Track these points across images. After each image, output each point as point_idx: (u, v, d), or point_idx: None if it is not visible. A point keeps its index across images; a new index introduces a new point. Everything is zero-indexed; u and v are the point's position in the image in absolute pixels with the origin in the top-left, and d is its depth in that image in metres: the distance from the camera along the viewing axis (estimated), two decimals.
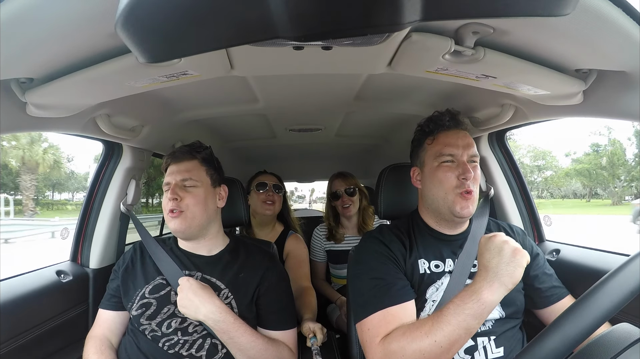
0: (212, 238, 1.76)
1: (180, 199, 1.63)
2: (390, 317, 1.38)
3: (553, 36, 1.08)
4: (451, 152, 1.53)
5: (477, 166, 1.57)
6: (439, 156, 1.55)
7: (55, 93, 1.26)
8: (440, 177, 1.53)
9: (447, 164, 1.53)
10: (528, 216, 2.22)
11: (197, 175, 1.68)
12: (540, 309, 1.59)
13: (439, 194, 1.54)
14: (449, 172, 1.52)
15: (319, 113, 2.35)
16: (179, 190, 1.64)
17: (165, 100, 1.89)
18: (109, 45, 1.09)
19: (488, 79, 1.33)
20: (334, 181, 3.10)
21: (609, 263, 1.66)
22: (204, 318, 1.49)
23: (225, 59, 1.28)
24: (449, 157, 1.53)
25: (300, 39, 0.41)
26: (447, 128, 1.58)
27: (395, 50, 1.23)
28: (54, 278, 1.92)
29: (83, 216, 2.18)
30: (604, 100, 1.34)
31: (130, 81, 1.27)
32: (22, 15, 0.86)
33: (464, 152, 1.52)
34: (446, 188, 1.52)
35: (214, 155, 1.83)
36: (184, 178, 1.66)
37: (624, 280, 0.79)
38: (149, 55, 0.53)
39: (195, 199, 1.65)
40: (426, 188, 1.61)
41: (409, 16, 0.41)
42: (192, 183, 1.66)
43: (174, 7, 0.45)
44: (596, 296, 0.79)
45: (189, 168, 1.69)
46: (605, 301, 0.78)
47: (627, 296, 0.78)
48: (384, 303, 1.41)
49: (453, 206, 1.50)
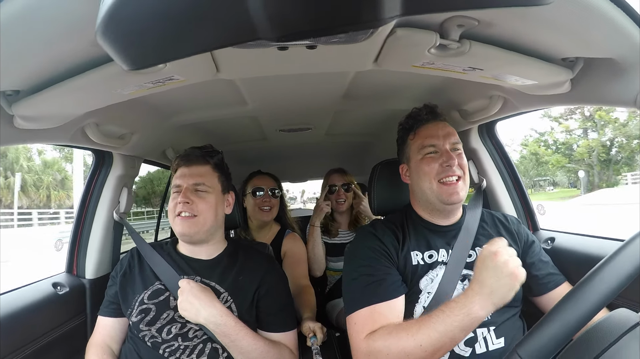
0: (215, 243, 1.76)
1: (192, 203, 1.62)
2: (376, 314, 1.39)
3: (538, 26, 1.08)
4: (432, 142, 1.56)
5: (462, 154, 1.59)
6: (422, 148, 1.58)
7: (43, 104, 1.26)
8: (424, 168, 1.56)
9: (430, 155, 1.56)
10: (521, 205, 2.23)
11: (209, 180, 1.68)
12: (538, 296, 1.60)
13: (425, 184, 1.56)
14: (432, 162, 1.55)
15: (309, 113, 2.34)
16: (190, 194, 1.63)
17: (153, 106, 1.88)
18: (93, 53, 1.08)
19: (475, 71, 1.33)
20: (331, 176, 3.11)
21: (604, 249, 1.66)
22: (205, 321, 1.48)
23: (210, 62, 1.27)
24: (431, 148, 1.56)
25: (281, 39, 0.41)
26: (425, 122, 1.62)
27: (380, 46, 1.23)
28: (50, 291, 1.90)
29: (76, 227, 2.16)
30: (592, 87, 1.35)
31: (116, 89, 1.26)
32: (5, 27, 0.86)
33: (445, 141, 1.55)
34: (431, 177, 1.54)
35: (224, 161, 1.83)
36: (196, 183, 1.65)
37: (620, 264, 0.80)
38: (132, 62, 0.53)
39: (208, 205, 1.64)
40: (414, 182, 1.64)
41: (389, 11, 0.40)
42: (205, 188, 1.66)
43: (153, 13, 0.44)
44: (593, 282, 0.80)
45: (202, 173, 1.68)
46: (602, 286, 0.79)
47: (623, 281, 0.78)
48: (371, 299, 1.42)
49: (440, 194, 1.52)
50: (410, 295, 1.49)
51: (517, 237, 1.66)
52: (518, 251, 1.62)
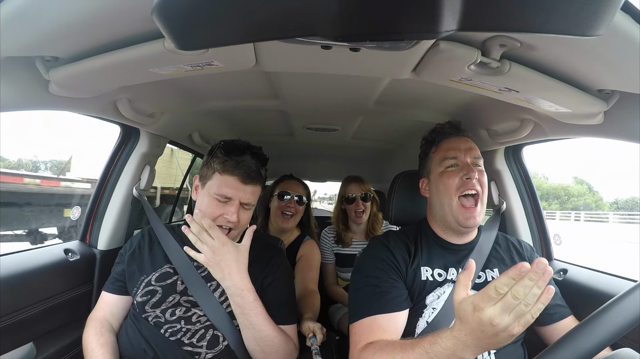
0: None
1: (239, 220, 1.61)
2: (375, 326, 1.40)
3: (579, 55, 1.08)
4: (454, 154, 1.56)
5: (483, 171, 1.58)
6: (443, 160, 1.58)
7: (79, 74, 1.27)
8: (444, 181, 1.55)
9: (451, 169, 1.56)
10: (538, 233, 2.20)
11: (255, 200, 1.67)
12: (542, 326, 1.58)
13: (445, 200, 1.55)
14: (453, 176, 1.54)
15: (338, 115, 2.35)
16: (239, 212, 1.62)
17: (185, 89, 1.90)
18: (138, 30, 1.10)
19: (510, 93, 1.33)
20: (349, 185, 3.05)
21: (615, 287, 1.65)
22: (230, 284, 1.50)
23: (251, 52, 1.28)
24: (452, 161, 1.56)
25: (338, 39, 0.42)
26: (448, 135, 1.62)
27: (421, 57, 1.23)
28: (61, 256, 1.94)
29: (95, 198, 2.20)
30: (625, 122, 1.34)
31: (155, 67, 1.27)
32: None
33: (466, 155, 1.55)
34: (451, 191, 1.53)
35: None
36: (247, 203, 1.63)
37: (630, 305, 0.79)
38: (182, 43, 0.54)
39: (247, 219, 1.66)
40: (433, 196, 1.63)
41: (446, 25, 0.41)
42: (249, 207, 1.65)
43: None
44: (600, 320, 0.80)
45: (254, 192, 1.65)
46: (609, 325, 0.79)
47: (631, 322, 0.78)
48: (373, 310, 1.43)
49: (458, 215, 1.51)
50: (416, 309, 1.49)
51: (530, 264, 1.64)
52: None
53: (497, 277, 1.53)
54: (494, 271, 1.58)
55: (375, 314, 1.42)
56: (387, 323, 1.41)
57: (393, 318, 1.43)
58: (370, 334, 1.39)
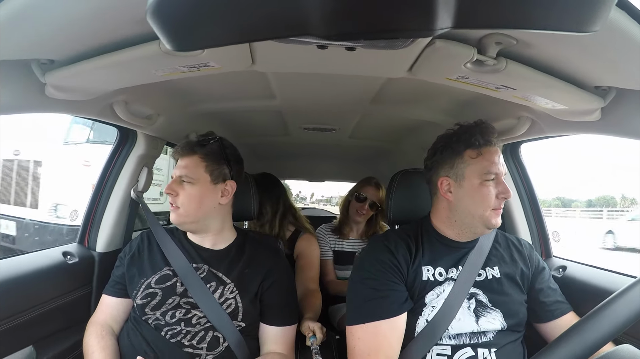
0: (216, 234, 1.75)
1: (176, 194, 1.63)
2: (380, 336, 1.40)
3: (576, 52, 1.08)
4: (496, 170, 1.49)
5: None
6: (486, 173, 1.49)
7: (76, 76, 1.27)
8: (484, 194, 1.49)
9: (489, 183, 1.49)
10: (537, 230, 2.21)
11: (193, 172, 1.65)
12: (543, 323, 1.59)
13: (478, 211, 1.50)
14: (491, 191, 1.49)
15: (335, 114, 2.34)
16: (175, 185, 1.64)
17: (182, 90, 1.89)
18: (133, 31, 1.09)
19: (507, 90, 1.33)
20: (367, 186, 3.03)
21: (615, 283, 1.65)
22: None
23: (247, 53, 1.28)
24: (493, 175, 1.49)
25: (331, 38, 0.41)
26: (492, 144, 1.53)
27: (417, 55, 1.22)
28: (59, 259, 1.94)
29: (93, 200, 2.20)
30: (622, 119, 1.33)
31: (151, 69, 1.27)
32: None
33: (501, 170, 1.50)
34: (486, 205, 1.48)
35: (227, 148, 1.79)
36: (181, 174, 1.65)
37: (630, 301, 0.79)
38: (177, 44, 0.53)
39: (189, 197, 1.64)
40: (462, 203, 1.55)
41: (441, 23, 0.41)
42: (188, 179, 1.64)
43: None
44: (601, 316, 0.80)
45: (187, 164, 1.67)
46: (610, 321, 0.79)
47: (632, 318, 0.78)
48: (374, 315, 1.42)
49: (489, 221, 1.49)
50: (415, 308, 1.49)
51: (529, 262, 1.64)
52: (528, 276, 1.61)
53: (497, 275, 1.54)
54: (494, 269, 1.58)
55: (375, 321, 1.41)
56: (389, 330, 1.41)
57: (393, 324, 1.42)
58: (375, 341, 1.40)
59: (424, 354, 1.44)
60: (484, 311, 1.49)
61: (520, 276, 1.58)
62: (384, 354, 1.38)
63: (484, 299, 1.50)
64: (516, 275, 1.58)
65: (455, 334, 1.45)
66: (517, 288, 1.56)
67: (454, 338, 1.45)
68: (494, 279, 1.55)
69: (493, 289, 1.53)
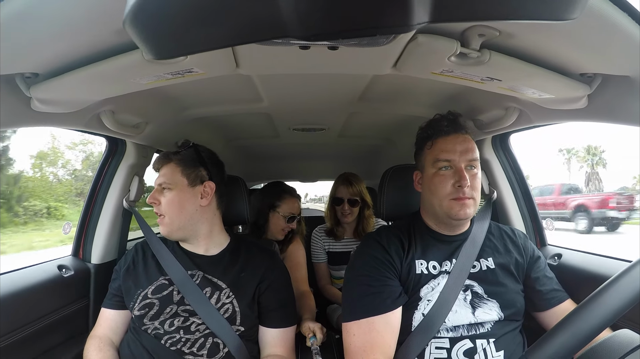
0: (206, 238, 1.75)
1: (158, 203, 1.66)
2: (374, 332, 1.40)
3: (559, 40, 1.08)
4: (447, 157, 1.51)
5: (477, 174, 1.55)
6: (436, 162, 1.53)
7: (60, 89, 1.26)
8: (436, 184, 1.52)
9: (443, 171, 1.52)
10: (530, 220, 2.22)
11: (170, 178, 1.68)
12: (541, 312, 1.60)
13: (435, 201, 1.54)
14: (445, 180, 1.50)
15: (323, 113, 2.34)
16: (156, 194, 1.68)
17: (169, 97, 1.89)
18: (115, 41, 1.09)
19: (493, 82, 1.33)
20: (338, 187, 3.03)
21: (610, 268, 1.65)
22: None
23: (231, 57, 1.27)
24: (445, 163, 1.51)
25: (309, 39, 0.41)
26: (445, 134, 1.56)
27: (401, 51, 1.22)
28: (55, 273, 1.93)
29: (85, 212, 2.19)
30: (608, 105, 1.34)
31: (135, 78, 1.26)
32: (29, 10, 0.87)
33: (461, 158, 1.50)
34: (441, 196, 1.51)
35: (201, 152, 1.79)
36: (160, 182, 1.68)
37: (627, 285, 0.79)
38: (157, 52, 0.53)
39: (169, 203, 1.66)
40: (425, 193, 1.61)
41: (418, 17, 0.41)
42: (167, 185, 1.67)
43: (183, 5, 0.45)
44: (598, 302, 0.80)
45: (165, 172, 1.70)
46: (607, 306, 0.79)
47: (629, 303, 0.78)
48: (369, 311, 1.43)
49: (449, 211, 1.50)
50: (411, 302, 1.49)
51: (524, 251, 1.65)
52: (523, 265, 1.62)
53: (491, 265, 1.54)
54: (488, 260, 1.58)
55: (370, 317, 1.42)
56: (384, 325, 1.42)
57: (388, 319, 1.43)
58: (370, 339, 1.39)
59: (423, 348, 1.44)
60: (480, 302, 1.49)
61: (514, 266, 1.59)
62: (379, 349, 1.38)
63: (480, 291, 1.51)
64: (510, 265, 1.58)
65: (453, 326, 1.46)
66: (512, 278, 1.57)
67: (452, 331, 1.46)
68: (489, 270, 1.55)
69: (488, 280, 1.53)
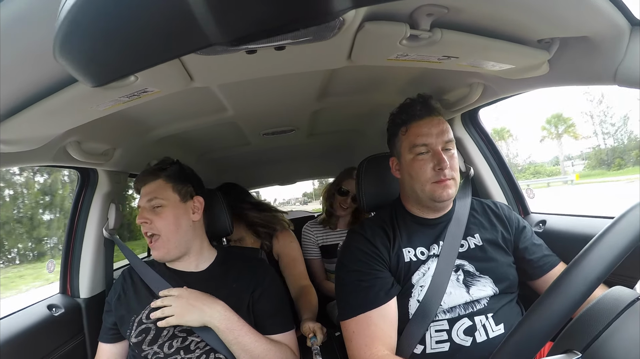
0: (197, 254, 1.74)
1: (150, 222, 1.62)
2: (373, 326, 1.41)
3: (509, 8, 1.08)
4: (424, 141, 1.52)
5: (454, 154, 1.56)
6: (413, 147, 1.53)
7: (20, 128, 1.24)
8: (416, 169, 1.52)
9: (421, 156, 1.52)
10: (510, 191, 2.23)
11: (162, 194, 1.66)
12: (535, 280, 1.61)
13: (417, 186, 1.54)
14: (424, 164, 1.51)
15: (289, 115, 2.32)
16: (146, 213, 1.64)
17: (133, 120, 1.86)
18: (64, 73, 1.07)
19: (450, 60, 1.32)
20: (349, 179, 3.03)
21: (595, 227, 1.66)
22: (210, 318, 1.51)
23: (183, 71, 1.25)
24: (423, 148, 1.52)
25: (234, 44, 0.40)
26: (419, 118, 1.56)
27: (351, 42, 1.20)
28: (46, 313, 1.89)
29: (67, 247, 2.15)
30: (570, 67, 1.34)
31: (91, 105, 1.24)
32: None
33: (437, 140, 1.51)
34: (422, 180, 1.51)
35: (185, 168, 1.81)
36: (149, 199, 1.65)
37: (614, 241, 0.80)
38: (93, 79, 0.52)
39: (165, 221, 1.64)
40: (405, 179, 1.61)
41: (339, 4, 0.39)
42: (158, 202, 1.65)
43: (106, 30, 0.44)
44: (587, 260, 0.80)
45: (154, 189, 1.67)
46: (596, 264, 0.79)
47: (617, 256, 0.78)
48: (364, 307, 1.43)
49: (432, 194, 1.50)
50: (404, 290, 1.50)
51: (508, 223, 1.66)
52: (510, 237, 1.63)
53: (479, 242, 1.55)
54: (475, 237, 1.59)
55: (366, 312, 1.42)
56: (381, 318, 1.42)
57: (384, 311, 1.43)
58: (369, 334, 1.40)
59: (423, 334, 1.44)
60: (473, 280, 1.49)
61: (502, 239, 1.60)
62: (380, 341, 1.38)
63: (471, 269, 1.51)
64: (498, 238, 1.59)
65: (449, 308, 1.46)
66: (502, 252, 1.58)
67: (449, 312, 1.46)
68: (477, 247, 1.56)
69: (478, 257, 1.54)
